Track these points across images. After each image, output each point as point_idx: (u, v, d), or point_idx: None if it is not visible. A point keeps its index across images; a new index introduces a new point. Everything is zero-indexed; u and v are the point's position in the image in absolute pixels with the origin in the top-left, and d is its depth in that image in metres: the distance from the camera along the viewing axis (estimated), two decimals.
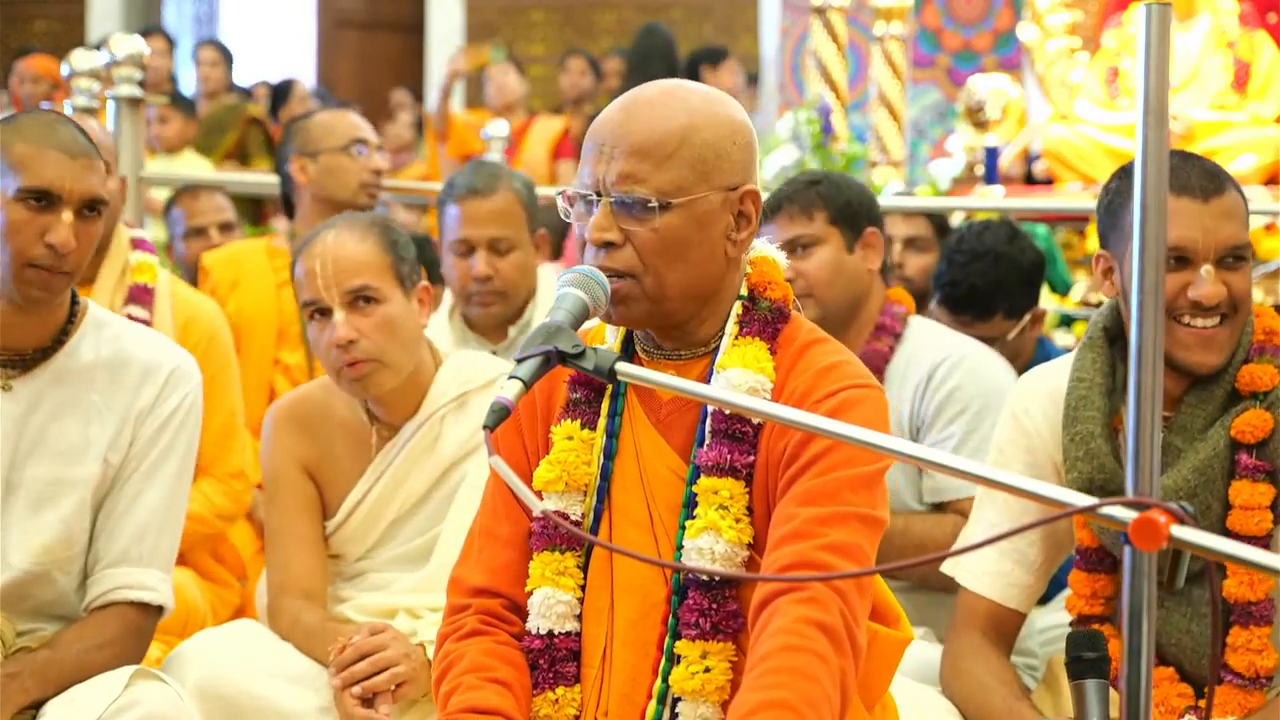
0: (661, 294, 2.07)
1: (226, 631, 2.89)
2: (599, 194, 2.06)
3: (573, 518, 2.15)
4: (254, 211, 7.24)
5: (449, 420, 2.91)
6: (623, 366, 1.88)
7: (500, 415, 1.84)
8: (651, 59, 8.39)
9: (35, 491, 2.49)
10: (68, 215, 2.44)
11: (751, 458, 2.08)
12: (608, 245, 2.05)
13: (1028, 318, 3.87)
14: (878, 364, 3.24)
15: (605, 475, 2.16)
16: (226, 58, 9.37)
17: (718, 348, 2.14)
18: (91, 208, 2.47)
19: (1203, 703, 2.43)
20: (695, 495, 2.08)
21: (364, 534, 2.94)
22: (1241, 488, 2.42)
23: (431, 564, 2.88)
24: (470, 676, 2.11)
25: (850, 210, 3.25)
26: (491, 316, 3.74)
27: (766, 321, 2.14)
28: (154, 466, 2.56)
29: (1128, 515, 1.52)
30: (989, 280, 3.77)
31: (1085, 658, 2.20)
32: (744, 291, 2.16)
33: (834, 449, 2.01)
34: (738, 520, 2.06)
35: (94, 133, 3.70)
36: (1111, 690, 2.51)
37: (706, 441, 2.10)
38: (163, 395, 2.56)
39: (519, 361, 1.89)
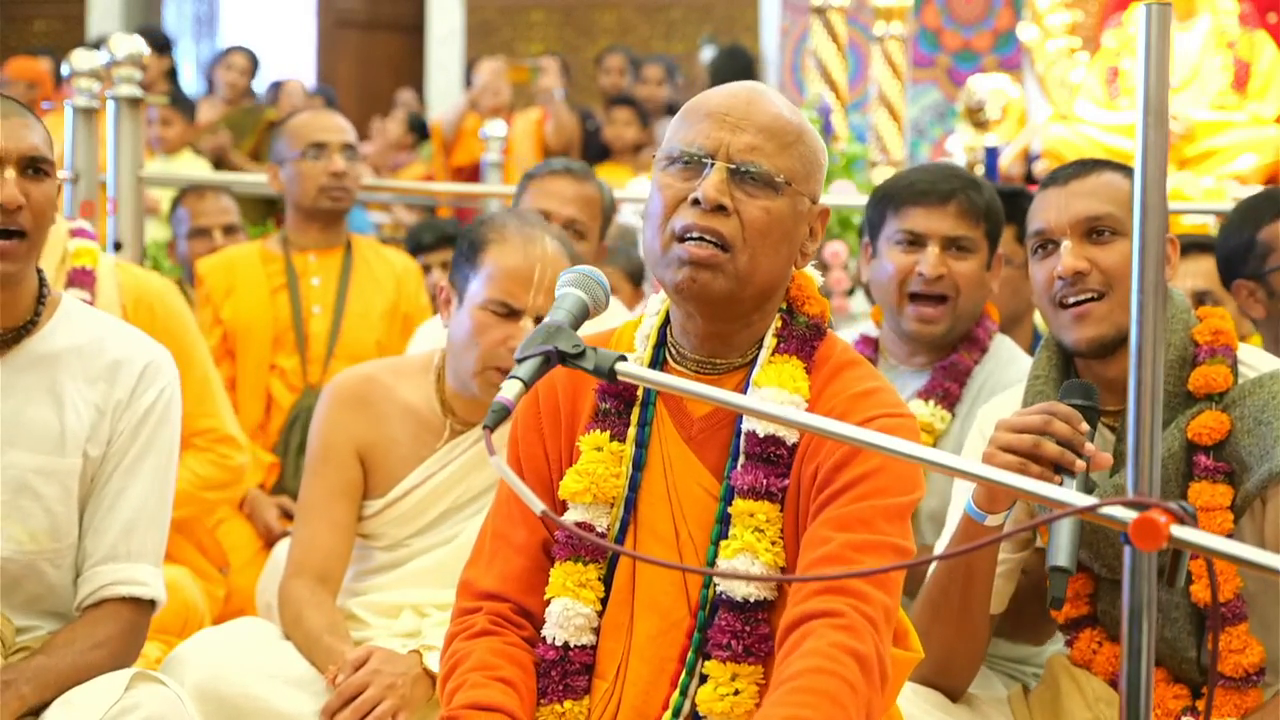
0: (749, 277, 2.07)
1: (226, 632, 2.88)
2: (712, 159, 2.06)
3: (598, 530, 2.13)
4: (264, 211, 7.24)
5: None
6: (622, 366, 1.87)
7: (500, 415, 1.83)
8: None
9: (14, 477, 2.47)
10: (10, 173, 2.44)
11: (786, 481, 2.07)
12: (719, 209, 2.05)
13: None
14: (959, 377, 3.14)
15: (633, 487, 2.15)
16: (254, 66, 9.35)
17: (753, 361, 2.14)
18: (35, 167, 2.47)
19: (1200, 703, 2.43)
20: (730, 516, 2.08)
21: (413, 518, 2.93)
22: (1202, 489, 2.42)
23: (450, 547, 2.88)
24: (476, 674, 2.11)
25: (996, 230, 3.17)
26: None
27: (804, 339, 2.13)
28: (135, 462, 2.54)
29: (1128, 515, 1.52)
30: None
31: (1077, 405, 2.28)
32: (782, 305, 2.16)
33: (868, 477, 2.01)
34: (773, 543, 2.06)
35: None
36: (1112, 689, 2.51)
37: (741, 463, 2.09)
38: (139, 389, 2.54)
39: (519, 361, 1.89)
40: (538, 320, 2.79)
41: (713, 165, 2.06)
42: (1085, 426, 2.25)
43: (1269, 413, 2.41)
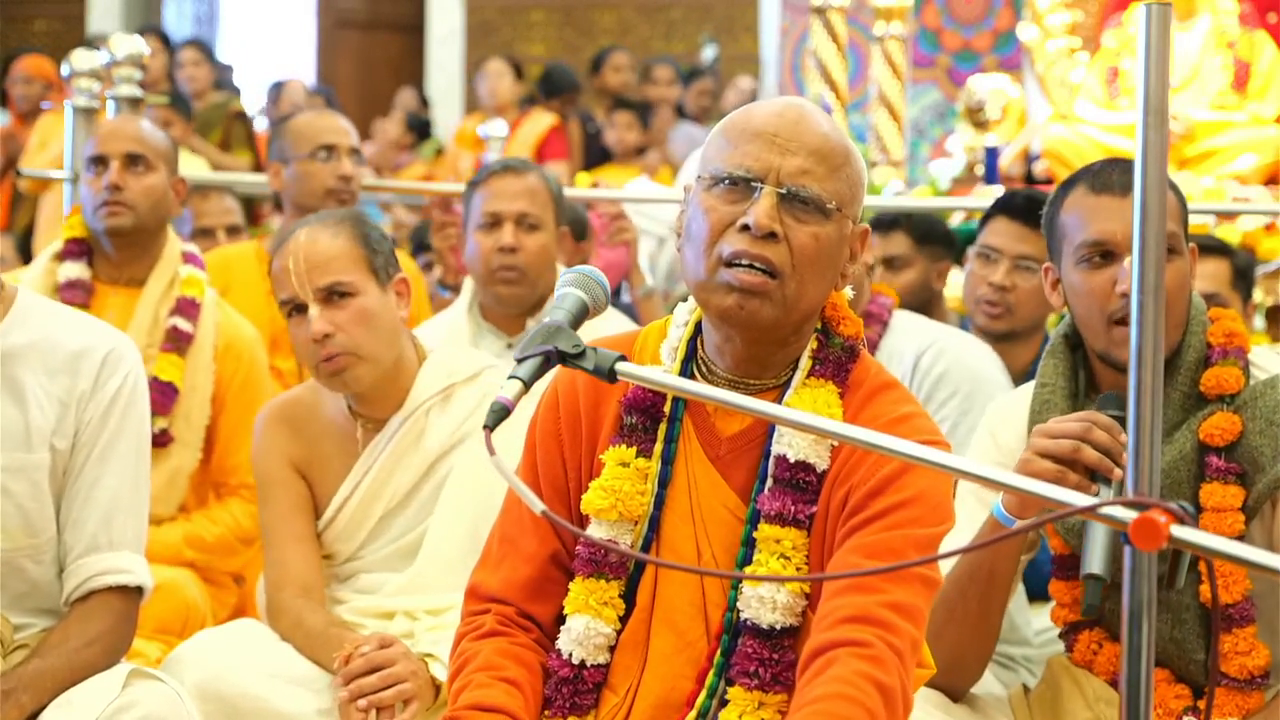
0: (796, 303, 2.04)
1: (226, 632, 2.89)
2: (761, 182, 2.02)
3: (621, 546, 2.11)
4: (247, 211, 7.23)
5: (434, 414, 2.93)
6: (622, 366, 1.86)
7: (500, 415, 1.81)
8: None
9: None
10: None
11: (814, 508, 2.04)
12: (769, 235, 2.01)
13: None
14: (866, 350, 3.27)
15: (658, 505, 2.12)
16: (208, 56, 9.36)
17: (787, 382, 2.10)
18: None
19: (1201, 703, 2.43)
20: (755, 540, 2.05)
21: (353, 530, 2.94)
22: (1214, 490, 2.42)
23: (418, 562, 2.89)
24: (481, 674, 2.10)
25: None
26: (513, 299, 3.75)
27: (839, 362, 2.10)
28: (106, 450, 2.52)
29: (1128, 515, 1.52)
30: None
31: (1115, 416, 2.27)
32: (817, 325, 2.13)
33: (903, 506, 1.99)
34: (799, 570, 2.04)
35: (144, 131, 3.76)
36: (1112, 689, 2.51)
37: (769, 487, 2.06)
38: (101, 378, 2.53)
39: (519, 361, 1.87)
40: (322, 301, 2.84)
41: (762, 189, 2.01)
42: (1125, 437, 2.23)
43: None
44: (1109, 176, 2.50)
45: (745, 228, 2.01)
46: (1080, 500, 1.60)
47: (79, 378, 2.52)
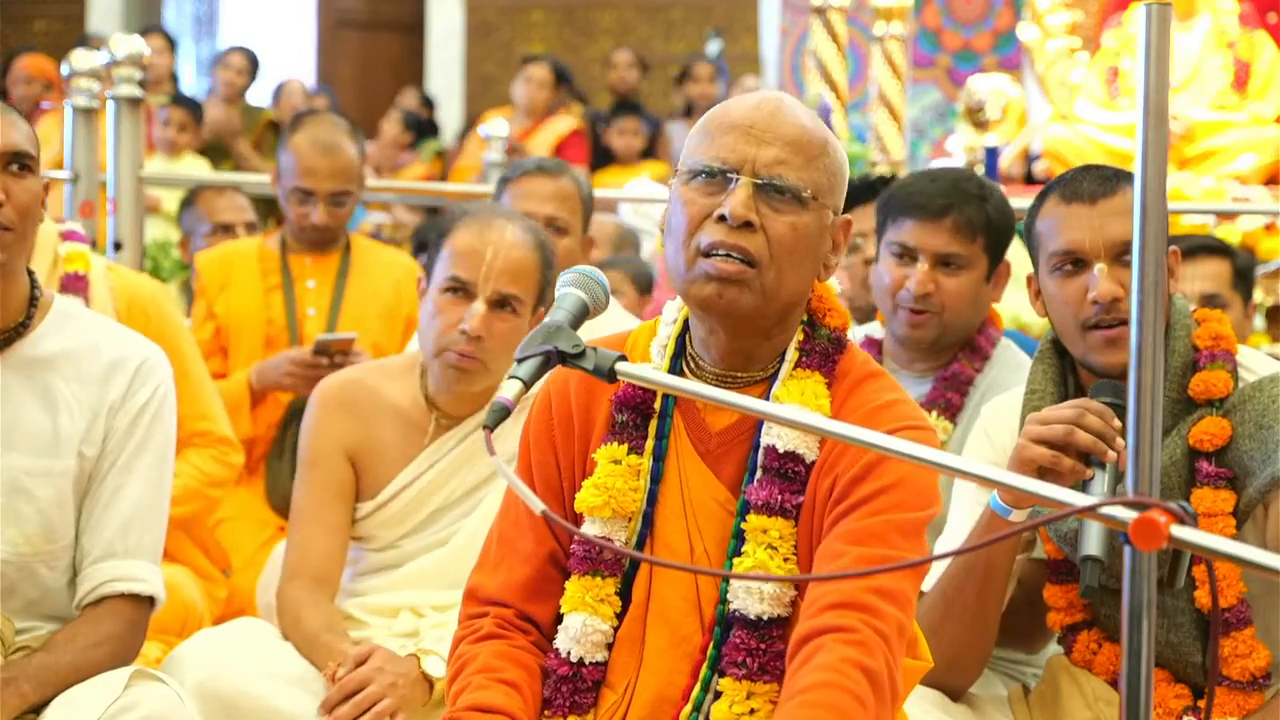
0: (776, 293, 2.05)
1: (226, 632, 2.88)
2: (737, 174, 2.04)
3: (616, 544, 2.11)
4: (264, 211, 7.23)
5: (511, 420, 2.92)
6: (622, 366, 1.86)
7: (500, 415, 1.82)
8: None
9: (8, 480, 2.47)
10: None
11: (801, 498, 2.06)
12: (746, 225, 2.02)
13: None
14: (961, 387, 3.13)
15: (650, 501, 2.13)
16: (253, 67, 9.32)
17: (774, 375, 2.12)
18: (18, 163, 2.47)
19: (1201, 703, 2.43)
20: (744, 532, 2.07)
21: (404, 518, 2.93)
22: (1204, 495, 2.41)
23: (446, 550, 2.89)
24: (480, 676, 2.10)
25: (1002, 243, 3.13)
26: None
27: (826, 354, 2.12)
28: (131, 459, 2.54)
29: (1128, 515, 1.52)
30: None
31: (1108, 403, 2.29)
32: (804, 317, 2.14)
33: (886, 491, 2.00)
34: (786, 560, 2.05)
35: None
36: (1111, 689, 2.51)
37: (757, 477, 2.07)
38: (133, 388, 2.55)
39: (519, 361, 1.88)
40: (492, 304, 2.82)
41: (738, 180, 2.03)
42: (1117, 423, 2.25)
43: (1269, 417, 2.40)
44: (1079, 185, 2.50)
45: (722, 218, 2.03)
46: (1080, 500, 1.60)
47: (110, 387, 2.53)
